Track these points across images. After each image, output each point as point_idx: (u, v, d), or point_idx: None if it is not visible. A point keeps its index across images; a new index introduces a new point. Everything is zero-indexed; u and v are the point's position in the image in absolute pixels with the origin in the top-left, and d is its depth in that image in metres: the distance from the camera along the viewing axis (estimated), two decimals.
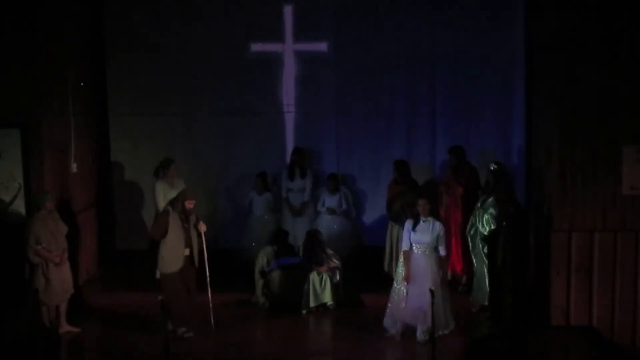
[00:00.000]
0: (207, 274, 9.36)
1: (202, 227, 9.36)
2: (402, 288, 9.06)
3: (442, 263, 9.08)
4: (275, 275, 10.23)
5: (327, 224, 11.55)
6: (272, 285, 10.24)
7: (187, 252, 9.20)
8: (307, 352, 9.07)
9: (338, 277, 10.26)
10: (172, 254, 9.12)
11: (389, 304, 9.22)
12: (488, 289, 9.74)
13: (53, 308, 9.44)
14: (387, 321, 9.24)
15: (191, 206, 9.20)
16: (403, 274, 9.06)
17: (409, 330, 9.11)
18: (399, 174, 11.05)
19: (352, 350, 9.01)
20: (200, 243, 9.37)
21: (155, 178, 10.89)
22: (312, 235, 10.47)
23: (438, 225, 9.07)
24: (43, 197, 9.34)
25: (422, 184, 11.36)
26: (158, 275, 9.91)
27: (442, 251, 9.06)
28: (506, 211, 9.41)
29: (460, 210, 10.54)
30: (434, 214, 9.24)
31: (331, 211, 11.56)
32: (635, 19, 9.13)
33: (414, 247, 9.03)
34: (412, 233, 9.02)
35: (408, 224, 9.09)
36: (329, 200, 11.62)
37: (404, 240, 9.09)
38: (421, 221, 9.02)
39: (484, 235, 9.67)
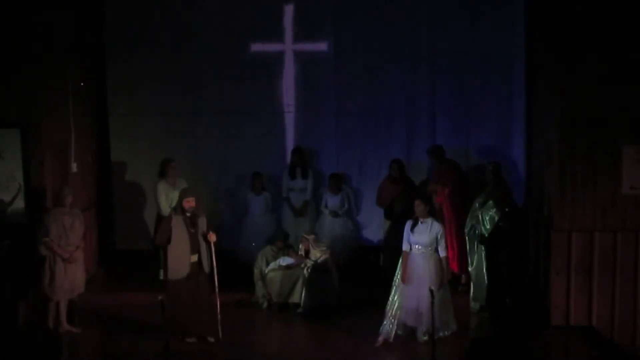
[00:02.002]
0: (216, 284, 9.07)
1: (212, 237, 9.05)
2: (400, 288, 9.04)
3: (442, 264, 9.07)
4: (275, 275, 10.22)
5: (329, 225, 11.57)
6: (271, 285, 10.23)
7: (194, 258, 8.99)
8: (307, 353, 9.07)
9: (334, 277, 10.27)
10: (177, 261, 8.93)
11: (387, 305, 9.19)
12: (487, 289, 9.74)
13: (55, 304, 9.43)
14: (383, 328, 9.13)
15: (191, 204, 9.01)
16: (401, 274, 9.06)
17: (409, 331, 9.11)
18: (400, 174, 11.07)
19: (351, 351, 9.00)
20: (210, 252, 9.08)
21: (159, 179, 10.90)
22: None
23: (437, 226, 9.04)
24: (62, 192, 9.37)
25: (418, 184, 11.36)
26: (162, 276, 9.93)
27: (442, 252, 9.04)
28: (503, 211, 9.41)
29: (451, 210, 10.53)
30: (433, 214, 9.21)
31: (334, 214, 11.57)
32: (635, 18, 9.12)
33: (413, 248, 9.03)
34: (410, 234, 9.01)
35: (408, 224, 9.09)
36: (331, 201, 11.62)
37: (404, 241, 9.08)
38: (419, 222, 9.02)
39: (484, 235, 9.66)
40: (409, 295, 8.96)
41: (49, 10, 10.05)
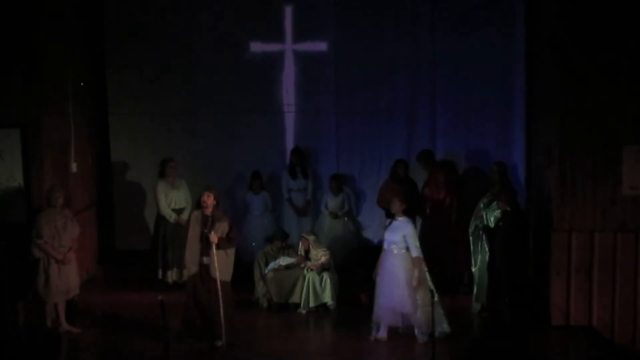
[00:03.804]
0: (219, 288, 8.85)
1: (214, 239, 8.76)
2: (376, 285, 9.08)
3: (414, 264, 8.88)
4: (275, 275, 10.23)
5: (329, 225, 11.57)
6: (271, 285, 10.23)
7: (204, 260, 8.84)
8: (307, 352, 9.07)
9: (332, 275, 10.26)
10: (187, 258, 8.95)
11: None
12: (488, 289, 9.73)
13: (53, 305, 9.41)
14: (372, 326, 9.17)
15: (205, 199, 8.87)
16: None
17: (408, 331, 9.11)
18: (404, 173, 11.08)
19: (351, 351, 9.00)
20: (212, 254, 8.78)
21: (159, 179, 10.91)
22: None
23: (406, 226, 8.93)
24: (54, 193, 9.33)
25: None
26: (160, 276, 10.44)
27: (413, 252, 8.87)
28: (504, 211, 9.41)
29: (445, 211, 10.53)
30: (409, 213, 9.14)
31: (334, 215, 11.57)
32: (635, 19, 9.12)
33: (385, 245, 9.05)
34: (385, 231, 9.03)
35: (387, 222, 9.14)
36: (332, 202, 11.62)
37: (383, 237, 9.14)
38: (394, 220, 9.02)
39: (489, 227, 9.67)
40: (382, 292, 8.97)
41: (49, 11, 10.05)
